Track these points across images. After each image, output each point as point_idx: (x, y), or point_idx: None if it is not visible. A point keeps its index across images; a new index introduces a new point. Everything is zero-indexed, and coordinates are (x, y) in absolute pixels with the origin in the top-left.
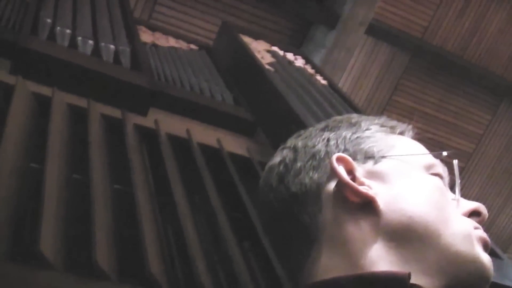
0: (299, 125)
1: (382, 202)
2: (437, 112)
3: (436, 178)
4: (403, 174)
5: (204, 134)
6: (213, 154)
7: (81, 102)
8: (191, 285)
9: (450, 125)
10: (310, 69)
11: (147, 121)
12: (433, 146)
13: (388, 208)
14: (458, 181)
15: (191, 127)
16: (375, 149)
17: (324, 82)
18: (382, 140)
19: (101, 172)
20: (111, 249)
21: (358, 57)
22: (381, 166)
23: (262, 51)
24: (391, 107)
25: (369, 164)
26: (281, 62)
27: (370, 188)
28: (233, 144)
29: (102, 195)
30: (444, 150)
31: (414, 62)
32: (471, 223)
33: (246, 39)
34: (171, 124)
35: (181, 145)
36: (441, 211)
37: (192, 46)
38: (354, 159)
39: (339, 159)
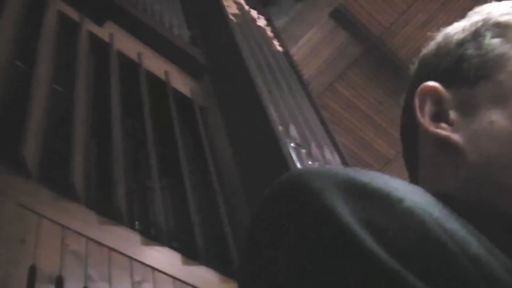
0: (247, 81)
1: (463, 140)
2: (372, 113)
3: None
4: (498, 104)
5: (154, 63)
6: (158, 84)
7: None
8: (108, 204)
9: (381, 129)
10: (269, 32)
11: (103, 33)
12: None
13: (469, 148)
14: None
15: (143, 52)
16: (473, 67)
17: (279, 48)
18: (490, 47)
19: (45, 68)
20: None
21: (314, 35)
22: (475, 92)
23: (229, 0)
24: (329, 92)
25: (466, 89)
26: (244, 16)
27: (451, 124)
28: (179, 81)
29: (43, 93)
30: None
31: (365, 58)
32: None
33: None
34: (125, 43)
35: (129, 66)
36: None
37: None
38: (450, 83)
39: (426, 90)
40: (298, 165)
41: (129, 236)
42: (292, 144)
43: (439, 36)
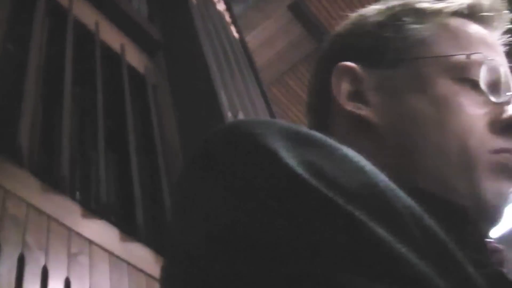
0: (201, 64)
1: (382, 122)
2: None
3: (455, 89)
4: (416, 87)
5: (111, 34)
6: (112, 57)
7: None
8: (50, 171)
9: None
10: (228, 17)
11: None
12: None
13: (388, 130)
14: (504, 80)
15: (100, 22)
16: (393, 49)
17: (236, 35)
18: (409, 32)
19: None
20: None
21: (270, 25)
22: (393, 74)
23: None
24: (279, 84)
25: (383, 70)
26: None
27: (369, 105)
28: (134, 57)
29: None
30: None
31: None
32: (492, 145)
33: None
34: (82, 11)
35: (85, 35)
36: (453, 133)
37: None
38: (368, 64)
39: (342, 69)
40: None
41: (70, 206)
42: None
43: (354, 17)
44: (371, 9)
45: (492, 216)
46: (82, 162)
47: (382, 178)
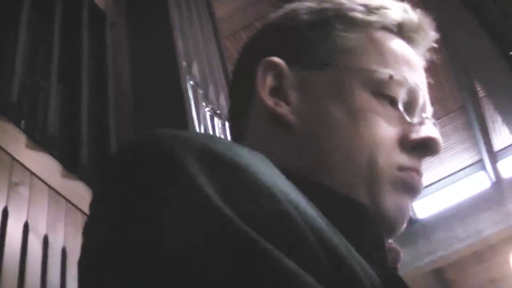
0: (161, 8)
1: (298, 122)
2: None
3: (374, 103)
4: (336, 94)
5: None
6: None
7: None
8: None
9: None
10: None
11: None
12: None
13: (301, 131)
14: (421, 102)
15: None
16: (319, 53)
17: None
18: (338, 39)
19: None
20: None
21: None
22: (316, 77)
23: None
24: (233, 39)
25: (307, 72)
26: None
27: (289, 104)
28: None
29: None
30: None
31: None
32: (399, 162)
33: None
34: None
35: None
36: (364, 143)
37: None
38: (294, 62)
39: (270, 64)
40: (193, 104)
41: (15, 134)
42: (191, 82)
43: (286, 9)
44: (304, 6)
45: (390, 226)
46: (32, 91)
47: (291, 198)
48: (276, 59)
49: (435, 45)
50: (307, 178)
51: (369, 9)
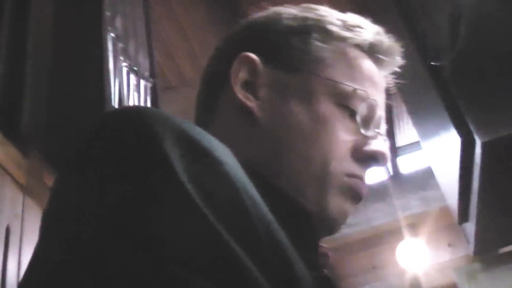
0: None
1: (264, 118)
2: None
3: (335, 112)
4: (303, 99)
5: None
6: None
7: None
8: None
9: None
10: None
11: None
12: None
13: (265, 127)
14: (377, 118)
15: None
16: (295, 57)
17: None
18: (314, 48)
19: None
20: None
21: None
22: (288, 79)
23: None
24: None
25: (280, 72)
26: None
27: (259, 99)
28: None
29: None
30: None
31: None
32: (349, 170)
33: None
34: None
35: None
36: (320, 148)
37: None
38: (270, 61)
39: (246, 59)
40: (111, 57)
41: None
42: (112, 34)
43: (270, 11)
44: (288, 11)
45: (330, 227)
46: None
47: (251, 195)
48: (253, 55)
49: (399, 70)
50: (261, 174)
51: (346, 26)
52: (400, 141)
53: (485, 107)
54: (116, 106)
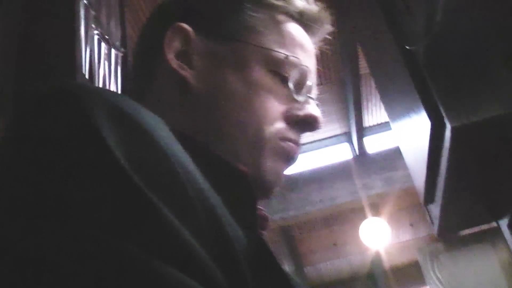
0: None
1: (198, 87)
2: None
3: (268, 79)
4: (236, 67)
5: None
6: None
7: None
8: None
9: None
10: None
11: None
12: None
13: (199, 96)
14: (309, 83)
15: None
16: (228, 27)
17: None
18: (246, 17)
19: None
20: None
21: None
22: (221, 48)
23: None
24: None
25: (213, 41)
26: None
27: (193, 68)
28: None
29: None
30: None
31: None
32: (282, 133)
33: None
34: None
35: None
36: (254, 114)
37: None
38: (204, 31)
39: (180, 29)
40: (83, 24)
41: None
42: (84, 1)
43: None
44: None
45: (266, 189)
46: None
47: (181, 161)
48: (185, 25)
49: (329, 37)
50: (196, 141)
51: None
52: (368, 121)
53: (457, 93)
54: (87, 75)
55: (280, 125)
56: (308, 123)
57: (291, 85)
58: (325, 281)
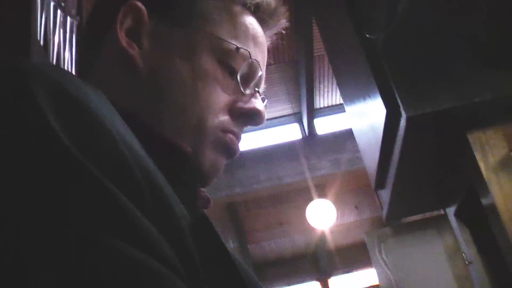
0: None
1: (145, 67)
2: None
3: (216, 68)
4: (186, 53)
5: None
6: None
7: None
8: None
9: None
10: None
11: None
12: None
13: (145, 76)
14: (257, 77)
15: None
16: (180, 12)
17: None
18: (201, 4)
19: None
20: None
21: None
22: (172, 32)
23: None
24: None
25: (166, 25)
26: None
27: (141, 48)
28: None
29: None
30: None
31: None
32: (224, 125)
33: None
34: None
35: None
36: (198, 102)
37: None
38: (156, 12)
39: (133, 8)
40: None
41: None
42: None
43: None
44: None
45: (203, 179)
46: None
47: (127, 141)
48: (140, 4)
49: (283, 32)
50: (140, 121)
51: None
52: (319, 103)
53: (413, 83)
54: (42, 41)
55: (223, 116)
56: (252, 117)
57: (239, 77)
58: (269, 259)
